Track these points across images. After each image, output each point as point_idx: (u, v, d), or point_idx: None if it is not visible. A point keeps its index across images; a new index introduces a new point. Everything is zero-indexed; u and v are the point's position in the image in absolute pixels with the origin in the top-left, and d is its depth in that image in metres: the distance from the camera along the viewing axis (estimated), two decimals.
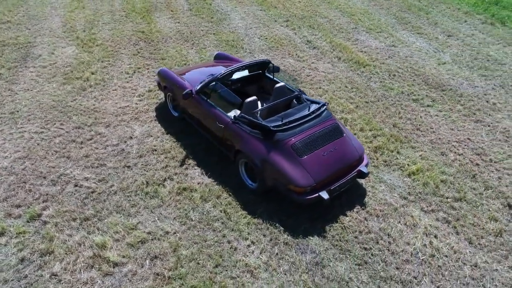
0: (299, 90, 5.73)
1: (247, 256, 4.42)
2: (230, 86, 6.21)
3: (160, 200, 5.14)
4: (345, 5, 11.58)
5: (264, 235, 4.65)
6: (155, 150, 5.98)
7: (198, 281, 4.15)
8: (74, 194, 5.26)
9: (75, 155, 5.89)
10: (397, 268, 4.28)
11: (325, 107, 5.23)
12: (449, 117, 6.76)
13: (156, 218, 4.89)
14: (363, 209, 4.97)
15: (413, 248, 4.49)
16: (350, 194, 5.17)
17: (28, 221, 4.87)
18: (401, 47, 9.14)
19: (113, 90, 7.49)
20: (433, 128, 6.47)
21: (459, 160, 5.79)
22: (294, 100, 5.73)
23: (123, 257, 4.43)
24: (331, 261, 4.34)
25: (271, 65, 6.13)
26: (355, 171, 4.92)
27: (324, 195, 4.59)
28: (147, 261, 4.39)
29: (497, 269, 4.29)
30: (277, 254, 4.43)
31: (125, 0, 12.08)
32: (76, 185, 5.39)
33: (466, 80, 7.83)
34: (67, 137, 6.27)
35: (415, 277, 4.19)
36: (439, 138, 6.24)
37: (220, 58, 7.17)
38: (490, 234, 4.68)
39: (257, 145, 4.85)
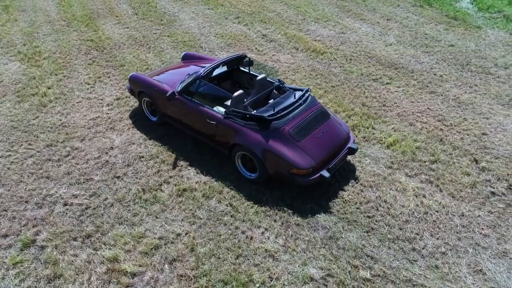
0: (278, 80, 5.96)
1: (264, 242, 4.56)
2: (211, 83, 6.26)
3: (162, 204, 5.07)
4: None
5: (275, 220, 4.82)
6: (142, 157, 5.84)
7: (223, 275, 4.21)
8: (67, 213, 4.98)
9: (55, 174, 5.56)
10: (400, 229, 4.71)
11: (308, 92, 5.52)
12: (407, 91, 7.44)
13: (163, 223, 4.83)
14: (357, 183, 5.35)
15: (408, 209, 4.97)
16: (343, 171, 5.52)
17: (22, 249, 4.54)
18: (349, 33, 9.78)
19: (77, 102, 7.11)
20: (396, 103, 7.09)
21: (426, 128, 6.43)
22: (274, 91, 5.95)
23: (140, 266, 4.34)
24: (342, 233, 4.65)
25: (246, 59, 6.28)
26: (346, 148, 5.28)
27: (325, 173, 4.88)
28: (166, 266, 4.34)
29: (479, 215, 4.91)
30: (291, 235, 4.64)
31: (62, 9, 11.37)
32: (65, 204, 5.10)
33: (413, 58, 8.64)
34: (40, 156, 5.88)
35: (417, 234, 4.65)
36: (404, 111, 6.87)
37: (188, 58, 7.15)
38: (467, 187, 5.32)
39: (255, 136, 5.00)
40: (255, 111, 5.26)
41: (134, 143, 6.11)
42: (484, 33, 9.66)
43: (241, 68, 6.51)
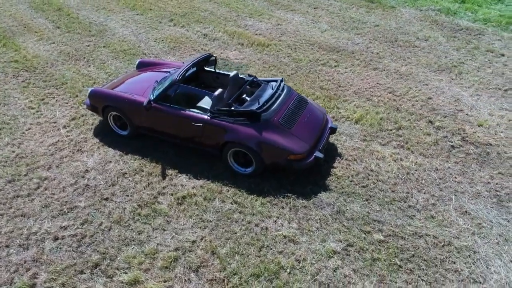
0: (248, 74, 6.08)
1: (280, 230, 4.71)
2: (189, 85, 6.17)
3: (165, 216, 4.91)
4: None
5: (283, 207, 4.99)
6: (125, 174, 5.53)
7: (253, 269, 4.27)
8: (61, 247, 4.57)
9: (30, 210, 5.01)
10: (392, 191, 5.22)
11: (283, 82, 5.74)
12: (355, 71, 8.10)
13: (174, 234, 4.69)
14: (342, 158, 5.75)
15: (392, 173, 5.50)
16: (326, 150, 5.88)
17: None
18: (285, 24, 10.22)
19: (26, 130, 6.41)
20: (349, 83, 7.69)
21: (382, 101, 7.11)
22: (246, 86, 6.06)
23: (165, 281, 4.19)
24: (346, 206, 5.00)
25: (212, 58, 6.27)
26: (328, 128, 5.63)
27: (319, 154, 5.17)
28: (192, 275, 4.26)
29: (449, 167, 5.64)
30: (302, 218, 4.85)
31: None
32: (56, 239, 4.66)
33: (348, 40, 9.38)
34: (4, 195, 5.23)
35: (407, 192, 5.20)
36: (358, 89, 7.49)
37: (144, 66, 6.87)
38: (431, 145, 6.05)
39: (247, 130, 5.07)
40: (239, 107, 5.32)
41: (110, 161, 5.75)
42: (399, 12, 10.84)
43: (206, 68, 6.48)
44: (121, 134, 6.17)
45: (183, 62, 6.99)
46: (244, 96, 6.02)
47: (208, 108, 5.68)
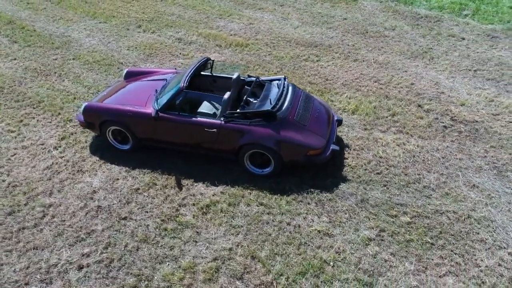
0: (248, 75, 6.05)
1: (312, 225, 4.76)
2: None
3: (193, 227, 4.75)
4: (178, 0, 11.78)
5: (309, 203, 5.04)
6: (138, 189, 5.27)
7: (297, 267, 4.29)
8: (89, 276, 4.27)
9: (42, 242, 4.62)
10: (405, 175, 5.48)
11: (286, 79, 5.79)
12: (337, 64, 8.35)
13: (208, 244, 4.56)
14: (350, 149, 5.93)
15: (400, 158, 5.77)
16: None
17: None
18: (257, 23, 10.25)
19: (12, 156, 5.86)
20: (335, 75, 7.91)
21: (370, 90, 7.41)
22: (245, 86, 6.02)
23: None
24: (367, 194, 5.17)
25: (210, 61, 6.14)
26: (335, 121, 5.77)
27: (335, 147, 5.29)
28: (237, 282, 4.19)
29: (447, 146, 6.03)
30: (330, 211, 4.94)
31: None
32: (81, 268, 4.35)
33: (322, 35, 9.63)
34: (8, 228, 4.77)
35: (418, 174, 5.49)
36: (345, 80, 7.73)
37: (132, 75, 6.55)
38: (426, 128, 6.42)
39: (264, 131, 5.05)
40: (247, 108, 5.28)
41: (118, 178, 5.44)
42: (361, 5, 11.31)
43: (202, 72, 6.33)
44: (122, 149, 5.85)
45: (175, 69, 6.77)
46: (245, 97, 5.97)
47: (210, 112, 5.58)
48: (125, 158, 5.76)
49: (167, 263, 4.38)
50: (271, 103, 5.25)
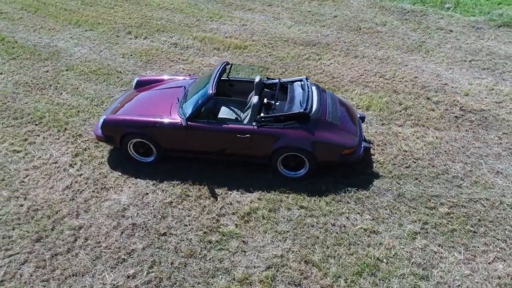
0: (267, 78, 5.98)
1: (357, 224, 4.77)
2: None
3: (238, 237, 4.63)
4: (163, 4, 11.45)
5: (348, 202, 5.05)
6: (171, 203, 5.07)
7: (352, 267, 4.28)
8: None
9: (81, 267, 4.33)
10: (433, 166, 5.61)
11: (308, 80, 5.76)
12: (339, 61, 8.43)
13: (257, 253, 4.46)
14: (374, 144, 5.99)
15: (423, 150, 5.91)
16: None
17: None
18: (250, 24, 10.16)
19: (24, 178, 5.46)
20: (340, 73, 7.98)
21: (377, 85, 7.54)
22: (265, 89, 5.94)
23: None
24: (402, 188, 5.25)
25: (228, 66, 5.99)
26: (359, 118, 5.82)
27: (366, 145, 5.33)
28: None
29: (463, 135, 6.23)
30: (371, 208, 4.97)
31: None
32: None
33: (318, 33, 9.69)
34: (38, 256, 4.44)
35: (445, 165, 5.64)
36: (351, 77, 7.82)
37: (143, 84, 6.29)
38: (439, 119, 6.60)
39: (299, 133, 5.00)
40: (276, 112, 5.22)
41: (147, 193, 5.20)
42: (348, 2, 11.50)
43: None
44: (144, 161, 5.60)
45: (189, 74, 6.56)
46: (265, 100, 5.87)
47: (239, 118, 5.46)
48: (149, 171, 5.52)
49: (220, 276, 4.23)
50: (301, 105, 5.20)
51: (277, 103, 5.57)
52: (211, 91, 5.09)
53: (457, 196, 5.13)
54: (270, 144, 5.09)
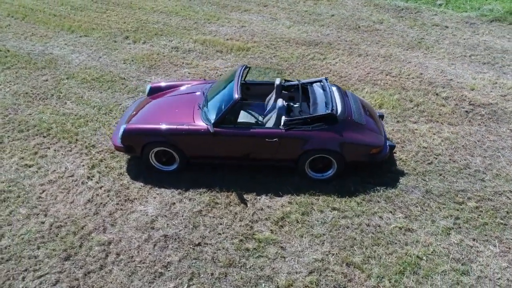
0: (285, 80, 5.93)
1: (391, 223, 4.78)
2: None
3: (275, 243, 4.56)
4: (157, 7, 11.21)
5: (378, 201, 5.06)
6: (201, 211, 4.95)
7: (394, 267, 4.29)
8: None
9: (117, 284, 4.17)
10: (453, 161, 5.69)
11: (327, 80, 5.74)
12: (344, 60, 8.46)
13: (297, 258, 4.40)
14: (394, 142, 6.03)
15: (442, 146, 5.99)
16: None
17: None
18: (248, 25, 10.08)
19: (41, 193, 5.21)
20: (347, 72, 8.01)
21: (386, 83, 7.60)
22: (282, 91, 5.88)
23: None
24: (428, 184, 5.30)
25: (247, 69, 5.89)
26: (379, 117, 5.85)
27: (391, 143, 5.36)
28: None
29: (477, 129, 6.36)
30: (401, 206, 5.00)
31: None
32: None
33: (318, 33, 9.71)
34: (71, 275, 4.24)
35: (464, 159, 5.74)
36: (359, 76, 7.87)
37: (156, 91, 6.12)
38: (451, 114, 6.72)
39: (328, 134, 4.98)
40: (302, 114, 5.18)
41: (174, 203, 5.06)
42: (343, 0, 11.58)
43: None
44: (167, 170, 5.45)
45: (204, 79, 6.43)
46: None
47: (271, 122, 5.37)
48: (173, 180, 5.37)
49: (263, 284, 4.15)
50: (326, 106, 5.18)
51: (299, 105, 5.52)
52: (236, 96, 5.00)
53: (482, 190, 5.22)
54: (298, 147, 5.04)
